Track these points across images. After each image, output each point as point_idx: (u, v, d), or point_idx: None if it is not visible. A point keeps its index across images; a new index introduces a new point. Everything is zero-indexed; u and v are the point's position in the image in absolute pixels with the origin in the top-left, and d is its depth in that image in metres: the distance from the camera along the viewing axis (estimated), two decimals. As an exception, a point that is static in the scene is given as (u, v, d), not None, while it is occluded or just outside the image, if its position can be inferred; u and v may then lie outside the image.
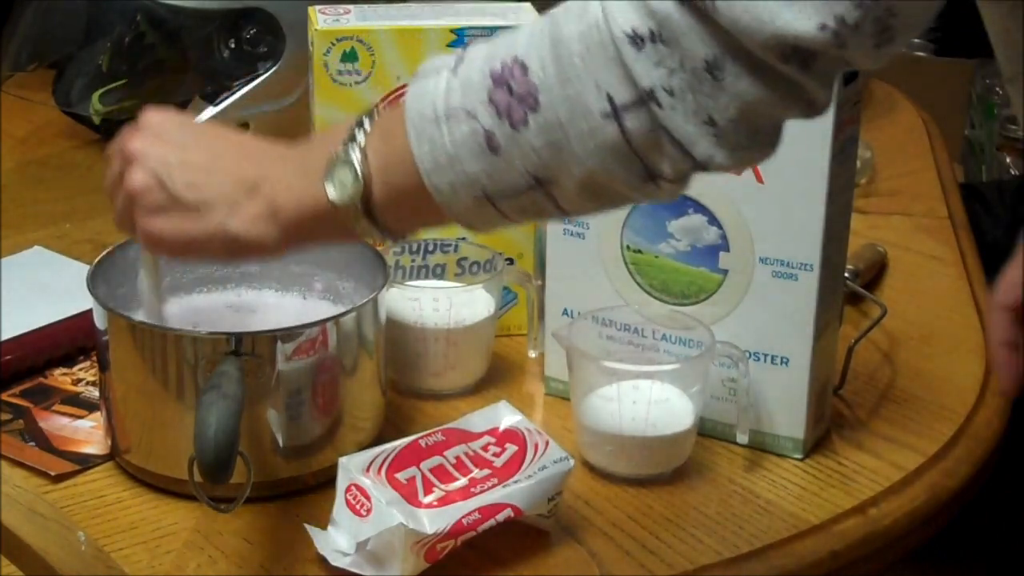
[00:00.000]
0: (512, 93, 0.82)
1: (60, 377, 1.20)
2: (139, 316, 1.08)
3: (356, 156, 0.87)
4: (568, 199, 0.85)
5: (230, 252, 0.92)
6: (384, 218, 0.88)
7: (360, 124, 0.88)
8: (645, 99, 0.80)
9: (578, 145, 0.81)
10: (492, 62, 0.83)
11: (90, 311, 1.07)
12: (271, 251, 0.93)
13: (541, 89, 0.81)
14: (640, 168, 0.82)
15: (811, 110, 0.83)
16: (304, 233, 0.91)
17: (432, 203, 0.86)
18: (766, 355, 1.12)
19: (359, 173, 0.87)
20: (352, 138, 0.88)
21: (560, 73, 0.81)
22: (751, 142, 0.82)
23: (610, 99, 0.80)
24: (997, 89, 2.66)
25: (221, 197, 0.91)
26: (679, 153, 0.81)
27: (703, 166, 0.82)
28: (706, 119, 0.80)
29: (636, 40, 0.79)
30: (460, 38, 1.26)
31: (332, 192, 0.88)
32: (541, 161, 0.83)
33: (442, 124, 0.84)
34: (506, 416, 1.05)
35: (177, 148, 0.93)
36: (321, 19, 1.27)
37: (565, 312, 1.18)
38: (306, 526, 0.99)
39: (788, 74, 0.80)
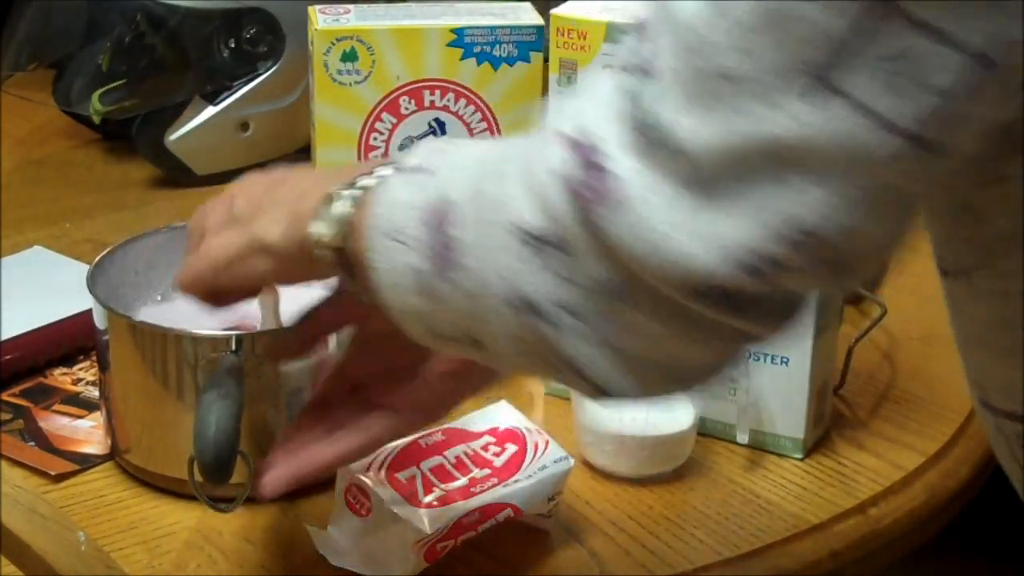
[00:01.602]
0: (438, 239, 0.68)
1: (60, 377, 1.20)
2: (139, 316, 1.08)
3: (345, 200, 0.76)
4: (510, 367, 0.71)
5: (258, 253, 0.83)
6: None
7: (372, 171, 0.76)
8: (532, 310, 0.65)
9: (494, 326, 0.67)
10: (431, 192, 0.70)
11: (90, 311, 1.07)
12: (284, 252, 0.83)
13: (462, 248, 0.67)
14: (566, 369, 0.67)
15: (752, 344, 0.66)
16: (303, 253, 0.80)
17: None
18: (766, 355, 1.11)
19: (338, 220, 0.76)
20: (352, 183, 0.76)
21: (478, 240, 0.66)
22: (667, 380, 0.67)
23: (516, 290, 0.65)
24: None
25: (261, 210, 0.83)
26: (573, 375, 0.66)
27: (605, 392, 0.66)
28: (603, 341, 0.64)
29: (528, 239, 0.64)
30: (460, 38, 1.26)
31: (314, 227, 0.78)
32: (467, 322, 0.69)
33: (389, 241, 0.71)
34: (506, 416, 1.05)
35: (251, 182, 0.88)
36: (321, 19, 1.27)
37: (565, 312, 1.17)
38: (306, 526, 0.99)
39: (702, 313, 0.62)
